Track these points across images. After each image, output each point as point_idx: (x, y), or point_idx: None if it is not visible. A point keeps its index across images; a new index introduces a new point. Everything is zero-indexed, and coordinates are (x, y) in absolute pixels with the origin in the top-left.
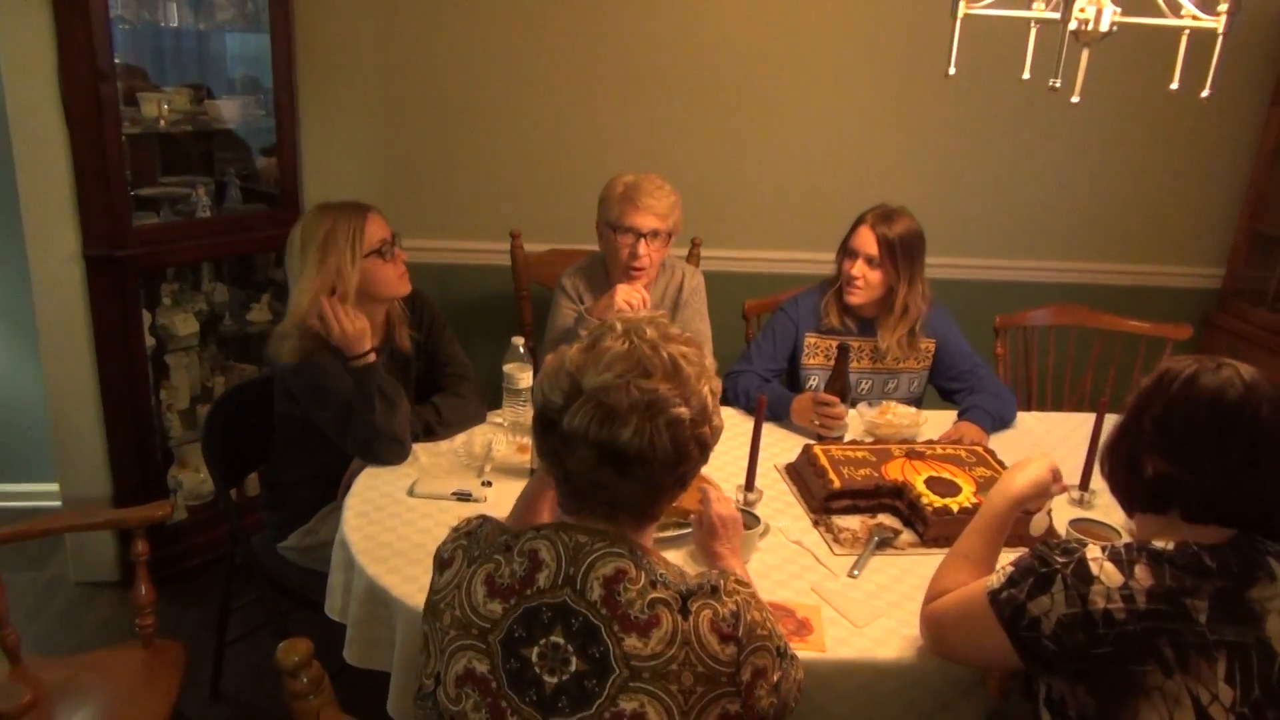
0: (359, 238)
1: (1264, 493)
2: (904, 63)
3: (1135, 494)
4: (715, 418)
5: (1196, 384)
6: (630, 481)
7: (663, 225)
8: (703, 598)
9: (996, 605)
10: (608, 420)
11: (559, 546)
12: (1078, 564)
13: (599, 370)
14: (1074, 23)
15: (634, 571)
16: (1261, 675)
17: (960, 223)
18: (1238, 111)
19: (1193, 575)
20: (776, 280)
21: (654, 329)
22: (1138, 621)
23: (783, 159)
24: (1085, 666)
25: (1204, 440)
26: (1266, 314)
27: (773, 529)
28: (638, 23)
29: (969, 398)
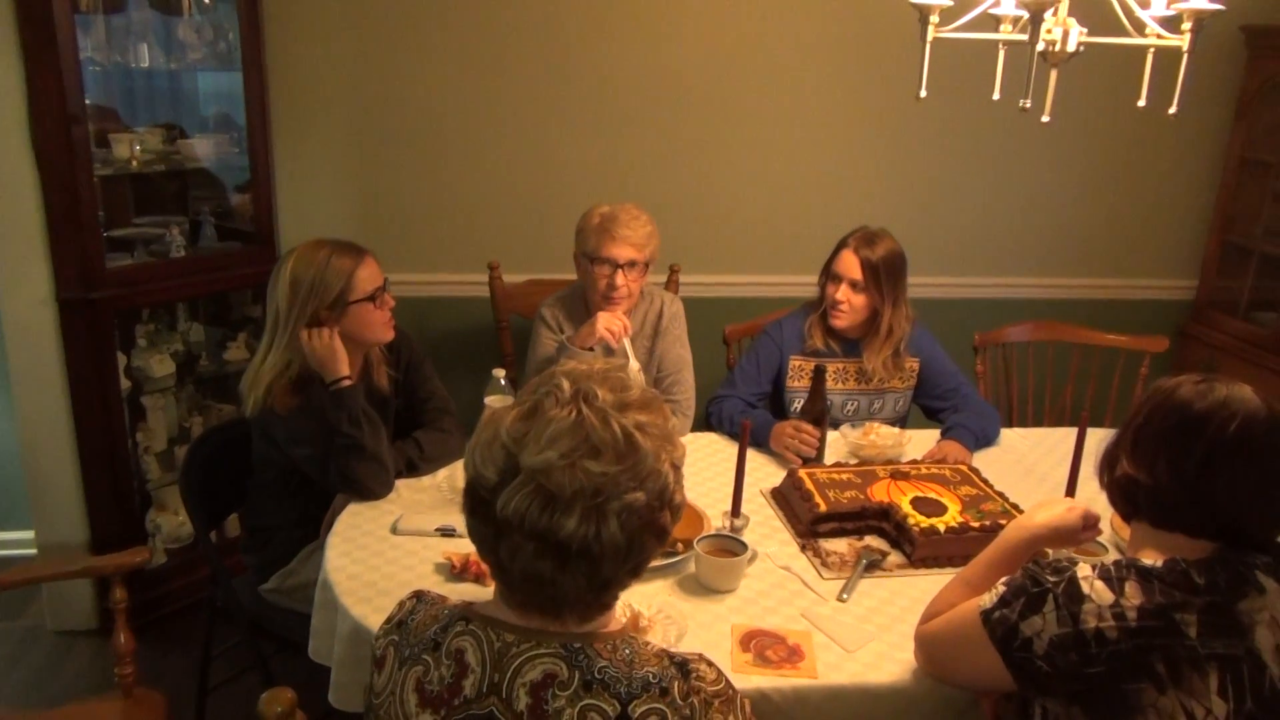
0: (351, 283)
1: (1225, 505)
2: (879, 85)
3: (1112, 498)
4: (676, 495)
5: (1176, 393)
6: (573, 575)
7: (639, 255)
8: (649, 700)
9: (989, 625)
10: (548, 507)
11: (484, 648)
12: (1069, 583)
13: (540, 446)
14: (1041, 44)
15: (565, 673)
16: (1254, 687)
17: (938, 242)
18: (1204, 126)
19: (1182, 591)
20: (756, 304)
21: (607, 390)
22: (1130, 639)
23: (760, 183)
24: (1079, 687)
25: (1163, 445)
26: (1240, 323)
27: (760, 555)
28: (614, 52)
29: (952, 416)
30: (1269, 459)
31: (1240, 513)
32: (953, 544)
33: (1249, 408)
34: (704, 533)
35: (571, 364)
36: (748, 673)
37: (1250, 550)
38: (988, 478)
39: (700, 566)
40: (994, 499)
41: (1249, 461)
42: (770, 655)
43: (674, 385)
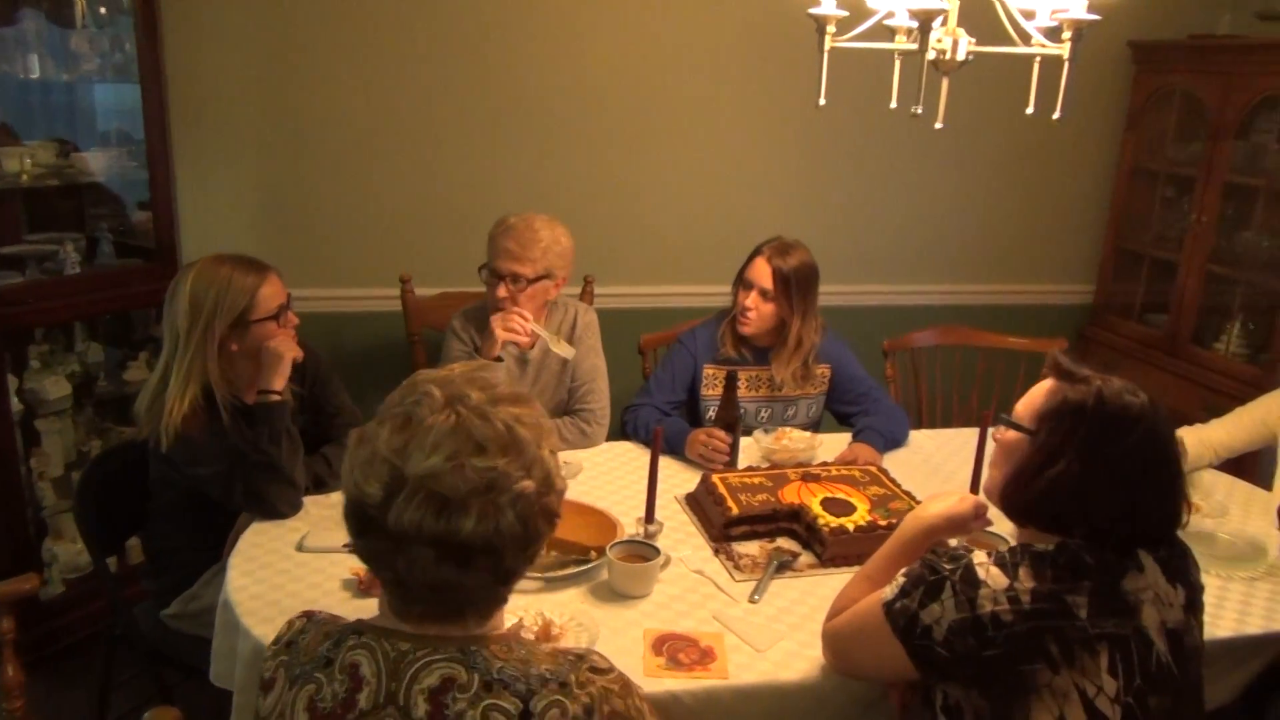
0: (254, 302)
1: (1152, 525)
2: (787, 96)
3: (1032, 515)
4: (559, 481)
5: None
6: (477, 574)
7: (525, 270)
8: (549, 694)
9: (891, 616)
10: (443, 511)
11: (379, 659)
12: (965, 570)
13: (425, 453)
14: (932, 53)
15: (465, 676)
16: (1141, 664)
17: (849, 250)
18: (1097, 137)
19: (1073, 574)
20: (672, 314)
21: (478, 391)
22: (1024, 621)
23: (673, 194)
24: (977, 670)
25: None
26: (1134, 325)
27: (674, 560)
28: (527, 62)
29: (862, 419)
30: (1175, 463)
31: (1158, 525)
32: (862, 542)
33: (1161, 416)
34: (617, 539)
35: (434, 371)
36: (660, 676)
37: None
38: (896, 478)
39: (613, 573)
40: (901, 498)
41: (1168, 470)
42: (682, 658)
43: (588, 395)
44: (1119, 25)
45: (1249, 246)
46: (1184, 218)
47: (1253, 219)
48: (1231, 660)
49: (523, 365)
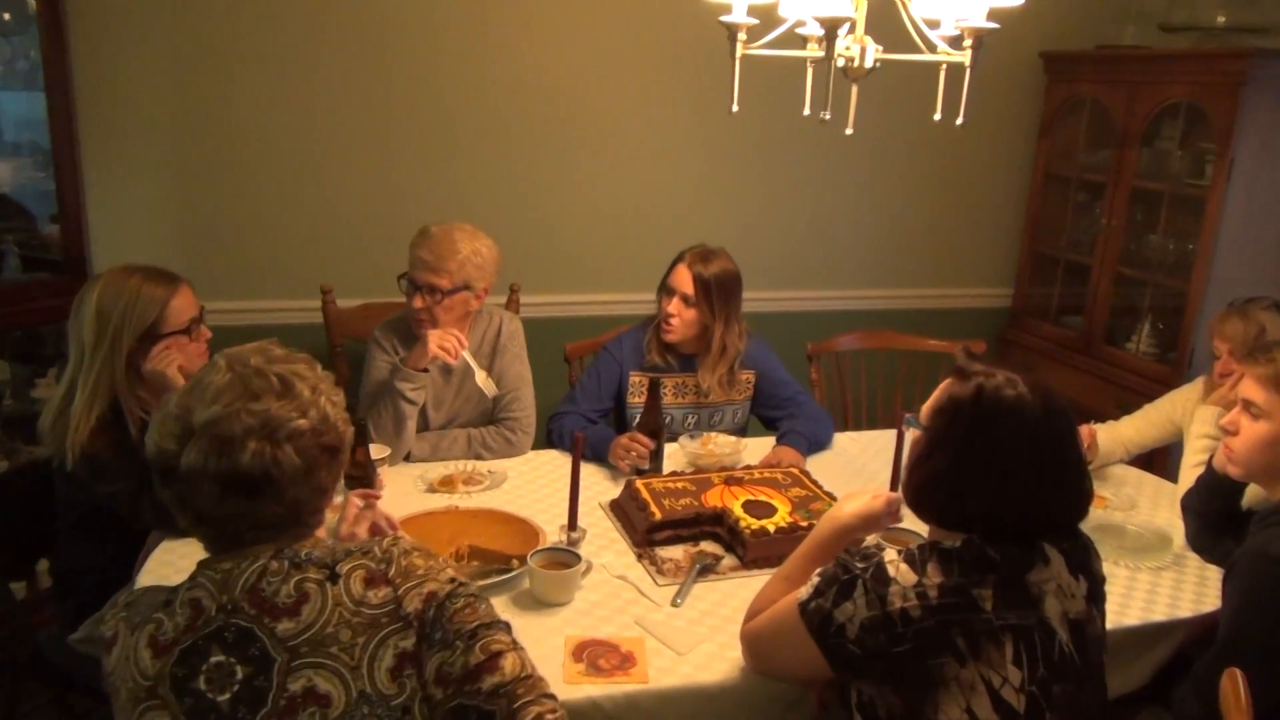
0: (164, 315)
1: (1058, 513)
2: (707, 104)
3: (944, 516)
4: (341, 425)
5: (1000, 406)
6: (265, 502)
7: (442, 281)
8: (353, 560)
9: (806, 616)
10: (224, 450)
11: (209, 585)
12: (876, 567)
13: (205, 405)
14: (840, 60)
15: (275, 566)
16: (1045, 653)
17: (772, 257)
18: (1012, 144)
19: (978, 568)
20: (598, 323)
21: (259, 356)
22: (932, 616)
23: (598, 203)
24: (889, 666)
25: (1008, 469)
26: (1050, 327)
27: (596, 566)
28: (447, 72)
29: (787, 423)
30: (1079, 453)
31: (1067, 514)
32: (783, 544)
33: (1059, 404)
34: (539, 547)
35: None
36: (579, 683)
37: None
38: (818, 479)
39: (534, 581)
40: (823, 499)
41: (1074, 463)
42: (602, 664)
43: (513, 403)
44: (1031, 36)
45: (1156, 249)
46: (1095, 222)
47: (1158, 223)
48: (1140, 647)
49: (447, 374)
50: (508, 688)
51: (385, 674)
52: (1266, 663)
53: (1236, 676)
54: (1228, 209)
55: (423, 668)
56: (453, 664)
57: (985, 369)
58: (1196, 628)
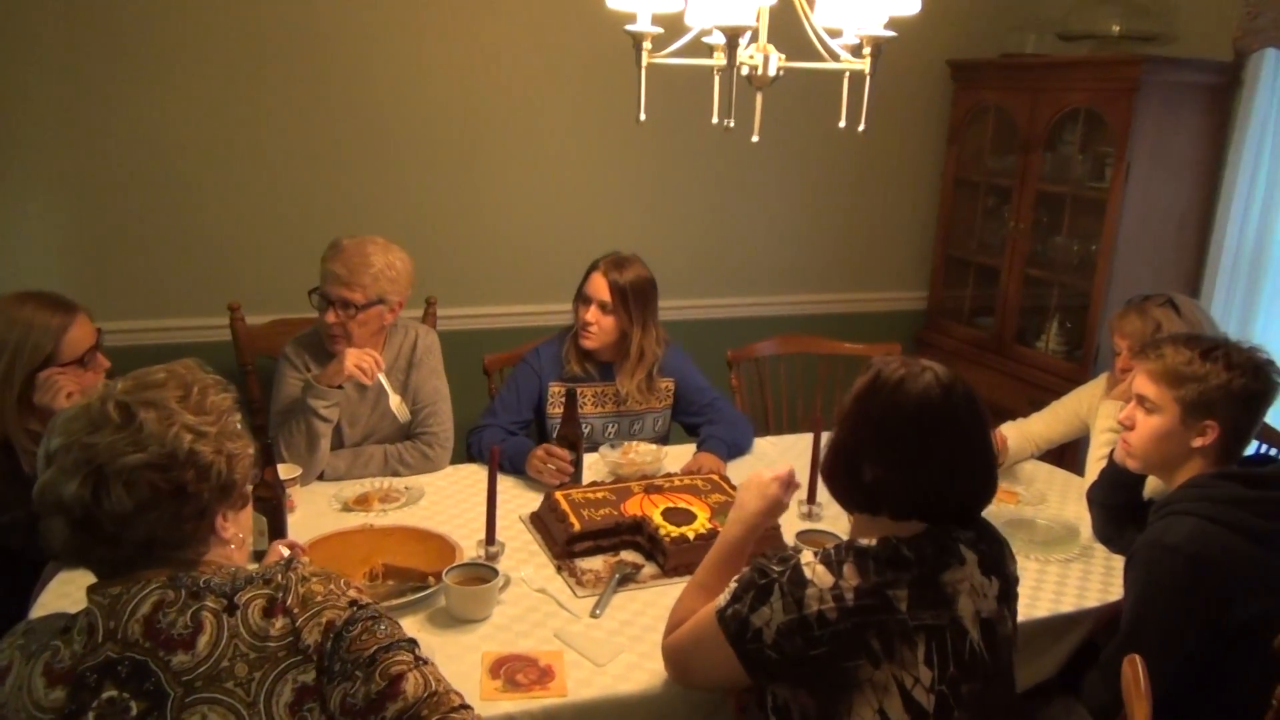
0: (60, 345)
1: (965, 488)
2: (619, 113)
3: (855, 498)
4: (204, 457)
5: (903, 391)
6: (103, 542)
7: (356, 296)
8: (253, 589)
9: (723, 623)
10: (58, 483)
11: (99, 610)
12: (793, 570)
13: (54, 434)
14: (746, 68)
15: (173, 594)
16: (955, 653)
17: (688, 265)
18: (922, 151)
19: (894, 568)
20: (516, 334)
21: (130, 382)
22: (848, 619)
23: (512, 215)
24: (805, 670)
25: (913, 446)
26: (964, 328)
27: (515, 580)
28: (358, 82)
29: (706, 429)
30: (984, 435)
31: (975, 491)
32: (702, 550)
33: (963, 389)
34: (455, 563)
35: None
36: (496, 699)
37: (955, 525)
38: (738, 484)
39: (450, 597)
40: None
41: (977, 442)
42: (520, 679)
43: (430, 417)
44: (938, 45)
45: (1061, 251)
46: (1004, 226)
47: (1063, 225)
48: (1050, 637)
49: (362, 391)
50: (412, 711)
51: (284, 709)
52: (1165, 647)
53: (1136, 662)
54: (1126, 210)
55: (326, 701)
56: (355, 695)
57: (900, 360)
58: (1103, 617)
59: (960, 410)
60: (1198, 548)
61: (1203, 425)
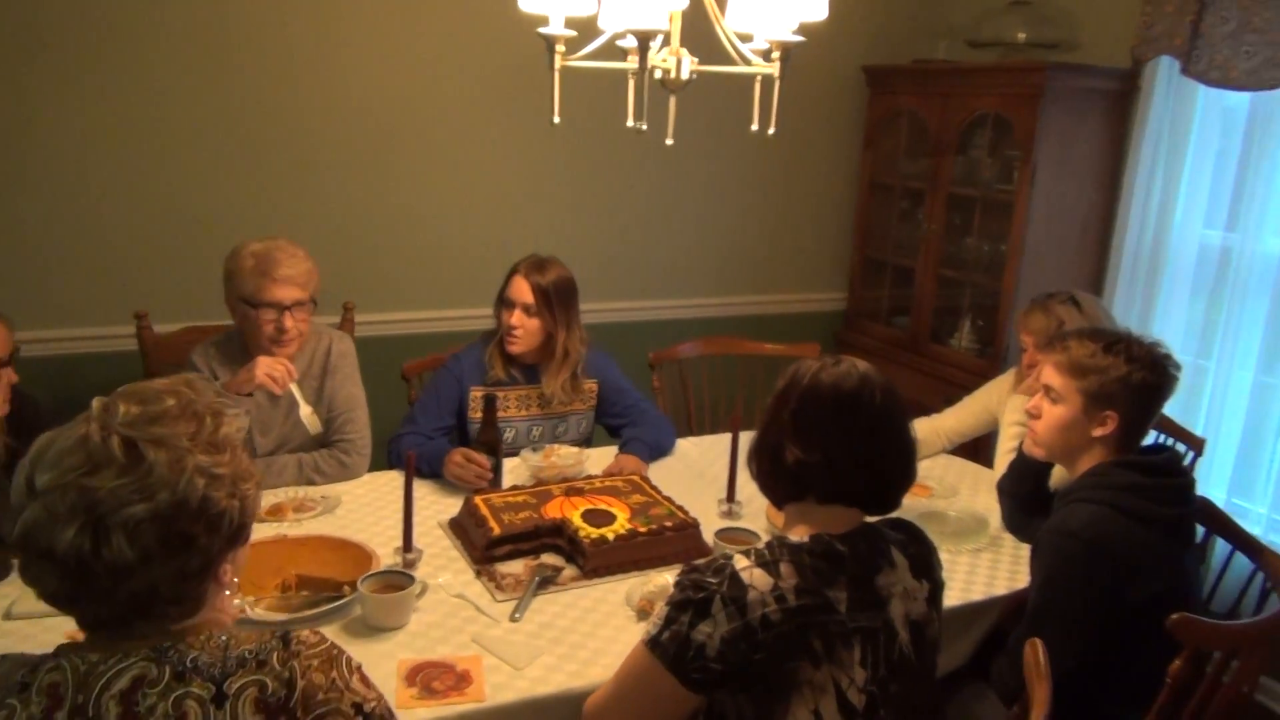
0: None
1: (884, 469)
2: (533, 116)
3: (780, 484)
4: (218, 503)
5: (820, 378)
6: (90, 597)
7: (303, 294)
8: (246, 675)
9: (659, 650)
10: (46, 526)
11: (70, 676)
12: (730, 579)
13: (46, 466)
14: (659, 72)
15: (155, 672)
16: (886, 654)
17: (609, 268)
18: (840, 154)
19: (829, 562)
20: (435, 340)
21: (133, 404)
22: (791, 620)
23: (430, 219)
24: (748, 675)
25: (831, 427)
26: (882, 328)
27: (433, 586)
28: (267, 86)
29: (628, 430)
30: (900, 420)
31: (891, 472)
32: (622, 551)
33: (880, 380)
34: (371, 571)
35: (131, 385)
36: (413, 707)
37: (885, 526)
38: (658, 485)
39: (365, 606)
40: (662, 504)
41: (893, 425)
42: (436, 685)
43: (346, 425)
44: (853, 51)
45: (972, 251)
46: (918, 228)
47: (974, 226)
48: (961, 626)
49: (274, 398)
50: None
51: None
52: (1067, 629)
53: (1037, 645)
54: (1032, 212)
55: None
56: None
57: (819, 357)
58: (1011, 603)
59: (877, 394)
60: (1096, 533)
61: (1103, 415)
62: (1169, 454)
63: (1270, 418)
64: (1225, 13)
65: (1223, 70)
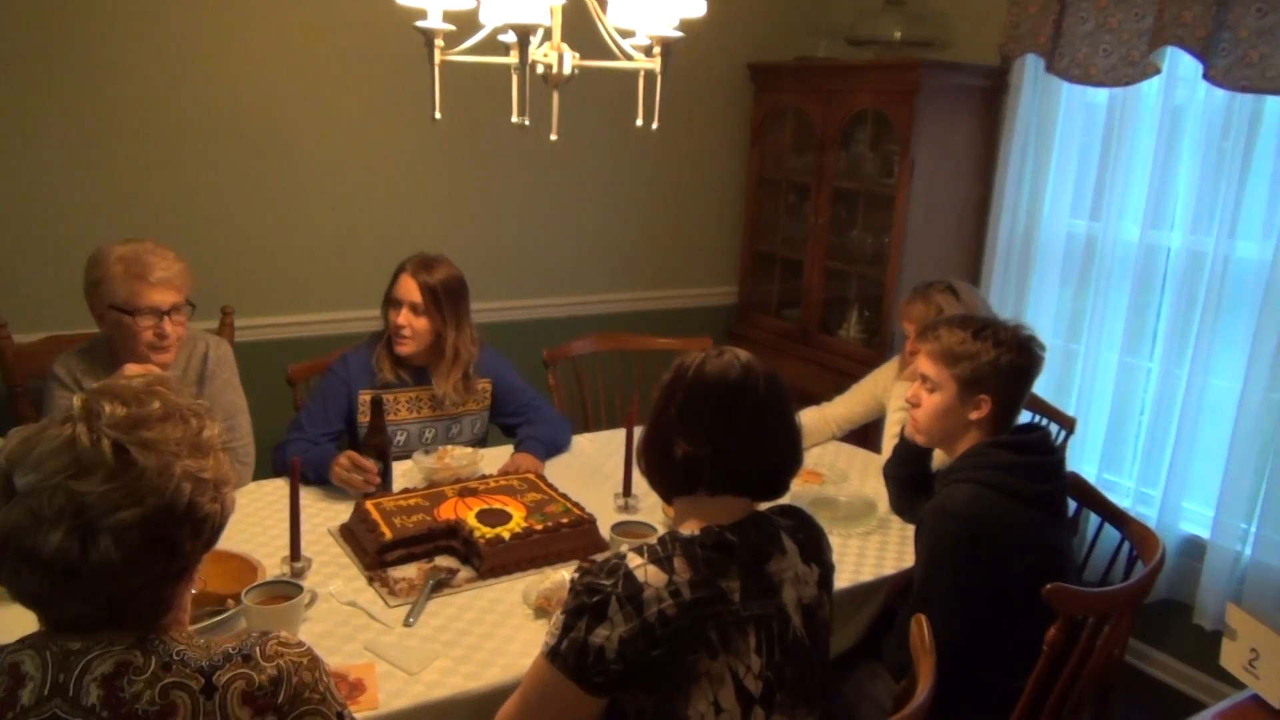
0: None
1: (772, 456)
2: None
3: (670, 479)
4: (202, 508)
5: (704, 370)
6: (71, 596)
7: (180, 297)
8: (233, 669)
9: (559, 660)
10: (33, 528)
11: (45, 656)
12: (625, 579)
13: (28, 467)
14: (540, 67)
15: (141, 660)
16: (780, 639)
17: (499, 266)
18: (728, 150)
19: (721, 553)
20: (320, 343)
21: (118, 405)
22: (687, 614)
23: (311, 219)
24: (648, 672)
25: (718, 419)
26: (773, 320)
27: (323, 595)
28: (134, 84)
29: (523, 429)
30: (786, 406)
31: (780, 458)
32: (518, 550)
33: (763, 367)
34: (256, 582)
35: (109, 380)
36: None
37: (775, 513)
38: (554, 482)
39: (251, 619)
40: (558, 501)
41: (779, 411)
42: None
43: (227, 433)
44: (739, 49)
45: (857, 244)
46: (805, 221)
47: (858, 219)
48: (852, 607)
49: None
50: None
51: None
52: (951, 604)
53: (921, 621)
54: (912, 204)
55: None
56: None
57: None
58: (899, 582)
59: (760, 383)
60: (975, 511)
61: (977, 399)
62: (1040, 433)
63: (1134, 397)
64: (1084, 13)
65: (1083, 68)
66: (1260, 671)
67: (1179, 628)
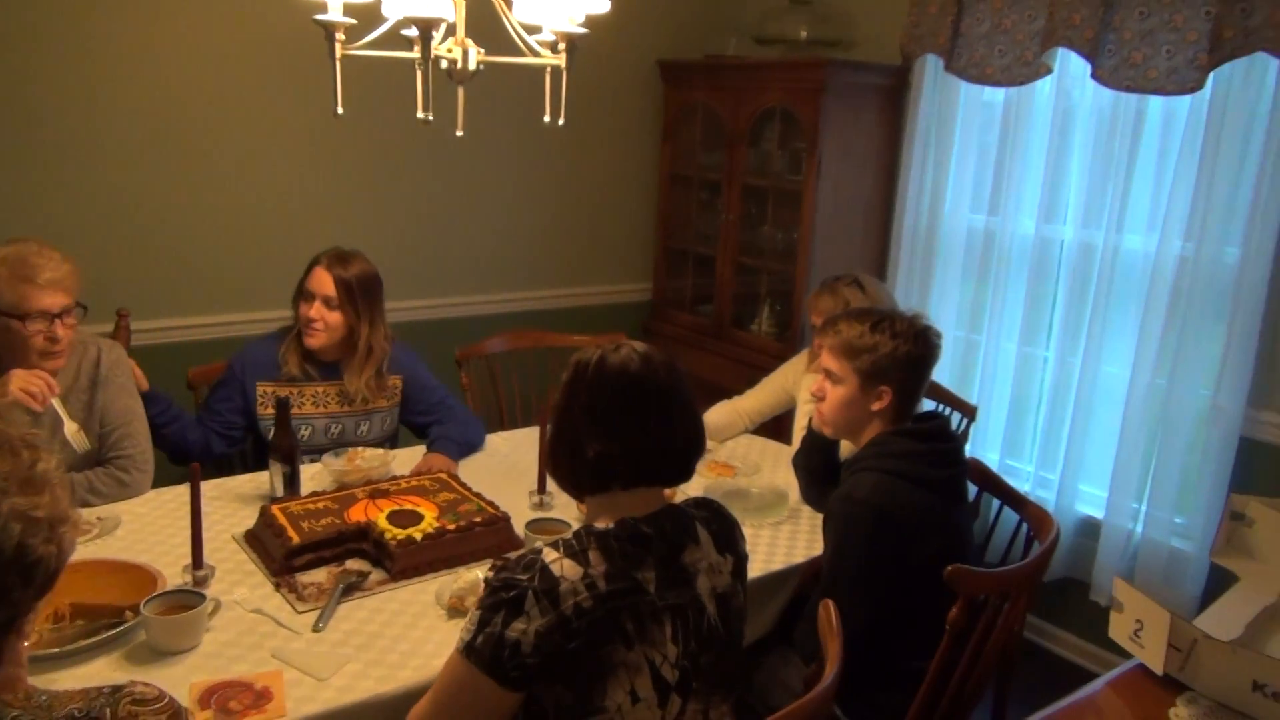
0: None
1: (679, 445)
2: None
3: (581, 478)
4: (34, 551)
5: (605, 368)
6: None
7: (71, 299)
8: None
9: (474, 655)
10: None
11: None
12: (541, 573)
13: None
14: (445, 62)
15: None
16: (696, 628)
17: (409, 263)
18: (640, 147)
19: (636, 545)
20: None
21: None
22: (602, 605)
23: (215, 217)
24: (564, 665)
25: (628, 416)
26: (687, 316)
27: (227, 603)
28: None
29: (436, 429)
30: (687, 393)
31: (687, 445)
32: (430, 550)
33: (660, 357)
34: (156, 592)
35: None
36: None
37: (689, 505)
38: (468, 481)
39: (150, 630)
40: (471, 500)
41: (681, 399)
42: (233, 706)
43: (123, 439)
44: (649, 46)
45: (768, 239)
46: (716, 217)
47: (768, 215)
48: (766, 595)
49: (36, 415)
50: None
51: None
52: (859, 589)
53: (829, 606)
54: (819, 200)
55: None
56: None
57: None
58: (809, 570)
59: (660, 372)
60: (880, 499)
61: (878, 390)
62: (939, 421)
63: (1033, 385)
64: (980, 15)
65: (979, 68)
66: (1144, 641)
67: (1077, 605)
